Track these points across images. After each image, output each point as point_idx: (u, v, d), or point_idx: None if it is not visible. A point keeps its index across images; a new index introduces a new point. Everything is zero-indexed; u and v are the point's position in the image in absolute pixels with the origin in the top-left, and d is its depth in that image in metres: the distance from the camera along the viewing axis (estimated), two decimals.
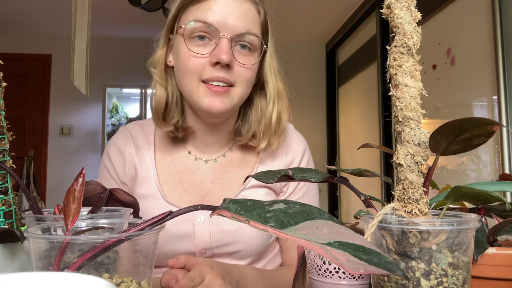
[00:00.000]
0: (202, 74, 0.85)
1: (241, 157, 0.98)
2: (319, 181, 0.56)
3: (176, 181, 0.95)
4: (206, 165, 0.96)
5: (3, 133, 0.62)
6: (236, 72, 0.86)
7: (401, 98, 0.44)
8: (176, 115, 0.93)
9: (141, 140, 0.98)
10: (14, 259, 0.57)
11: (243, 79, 0.88)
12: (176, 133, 0.94)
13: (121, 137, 0.99)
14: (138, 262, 0.46)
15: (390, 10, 0.46)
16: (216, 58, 0.83)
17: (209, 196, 0.94)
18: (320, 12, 4.00)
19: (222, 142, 0.97)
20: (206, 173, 0.96)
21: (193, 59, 0.85)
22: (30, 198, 0.57)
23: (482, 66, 2.11)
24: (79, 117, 4.68)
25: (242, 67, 0.87)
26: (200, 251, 0.90)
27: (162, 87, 0.92)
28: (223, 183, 0.95)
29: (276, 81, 0.95)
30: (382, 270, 0.33)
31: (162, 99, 0.92)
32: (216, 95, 0.85)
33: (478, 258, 0.49)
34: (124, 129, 1.01)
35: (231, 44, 0.85)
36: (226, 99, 0.86)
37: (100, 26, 4.22)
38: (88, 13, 1.00)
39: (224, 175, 0.96)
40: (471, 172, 2.24)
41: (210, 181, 0.95)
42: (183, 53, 0.87)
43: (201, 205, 0.45)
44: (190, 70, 0.86)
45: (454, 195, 0.47)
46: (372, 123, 3.53)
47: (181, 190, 0.94)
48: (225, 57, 0.83)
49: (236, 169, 0.97)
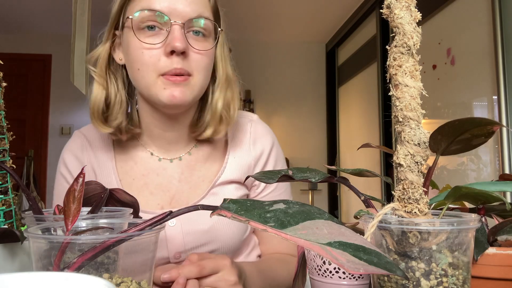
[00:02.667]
0: (159, 66, 0.80)
1: (208, 153, 0.94)
2: (319, 181, 0.56)
3: (141, 184, 0.90)
4: (171, 165, 0.91)
5: (3, 133, 0.62)
6: (192, 60, 0.81)
7: (401, 98, 0.44)
8: (120, 116, 0.86)
9: (99, 145, 0.92)
10: (14, 259, 0.57)
11: (200, 66, 0.82)
12: (119, 135, 0.88)
13: (77, 141, 0.93)
14: (138, 262, 0.46)
15: (390, 10, 0.46)
16: (170, 46, 0.78)
17: (178, 196, 0.90)
18: (320, 12, 4.00)
19: (185, 139, 0.92)
20: (172, 172, 0.91)
21: (146, 51, 0.80)
22: (30, 198, 0.57)
23: (482, 66, 2.11)
24: (79, 117, 4.67)
25: (198, 53, 0.82)
26: (174, 255, 0.86)
27: (100, 85, 0.86)
28: (191, 181, 0.91)
29: (226, 67, 0.90)
30: (382, 270, 0.33)
31: (100, 98, 0.85)
32: (176, 85, 0.80)
33: (478, 258, 0.49)
34: (79, 133, 0.95)
35: (183, 30, 0.80)
36: (187, 89, 0.81)
37: (100, 26, 4.21)
38: (88, 13, 1.00)
39: (191, 173, 0.92)
40: (471, 172, 2.24)
41: (177, 181, 0.91)
42: (134, 46, 0.81)
43: (201, 205, 0.45)
44: (144, 63, 0.80)
45: (454, 195, 0.47)
46: (372, 123, 3.53)
47: (147, 194, 0.89)
48: (179, 44, 0.78)
49: (204, 166, 0.93)
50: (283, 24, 4.31)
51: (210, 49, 0.84)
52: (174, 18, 0.80)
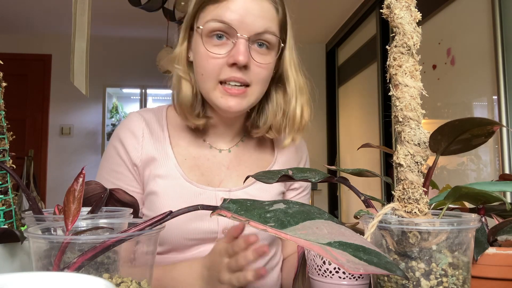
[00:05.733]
0: (220, 74, 0.86)
1: (254, 148, 1.01)
2: (319, 181, 0.56)
3: (192, 165, 0.95)
4: (220, 154, 0.98)
5: (3, 133, 0.62)
6: (252, 71, 0.87)
7: (401, 98, 0.44)
8: (198, 106, 0.93)
9: (155, 125, 0.97)
10: (14, 259, 0.57)
11: (259, 78, 0.88)
12: (197, 123, 0.94)
13: (134, 119, 0.97)
14: (138, 262, 0.46)
15: (390, 10, 0.46)
16: (233, 59, 0.84)
17: (226, 181, 0.96)
18: (320, 12, 4.00)
19: (234, 133, 1.00)
20: (221, 160, 0.97)
21: (211, 60, 0.86)
22: (30, 198, 0.57)
23: (482, 66, 2.11)
24: (79, 117, 4.68)
25: (259, 66, 0.87)
26: (222, 230, 0.90)
27: (187, 81, 0.92)
28: (239, 170, 0.97)
29: (297, 76, 0.96)
30: (382, 270, 0.33)
31: (189, 93, 0.92)
32: (232, 97, 0.86)
33: (478, 258, 0.49)
34: (136, 113, 1.00)
35: (248, 43, 0.85)
36: (243, 100, 0.88)
37: (100, 26, 4.22)
38: (88, 13, 1.00)
39: (239, 163, 0.98)
40: (471, 172, 2.24)
41: (226, 168, 0.97)
42: (201, 53, 0.87)
43: (200, 205, 0.45)
44: (207, 71, 0.87)
45: (454, 195, 0.47)
46: (372, 123, 3.53)
47: (198, 174, 0.94)
48: (242, 58, 0.83)
49: (251, 158, 1.00)
50: None
51: (271, 63, 0.90)
52: (241, 31, 0.85)
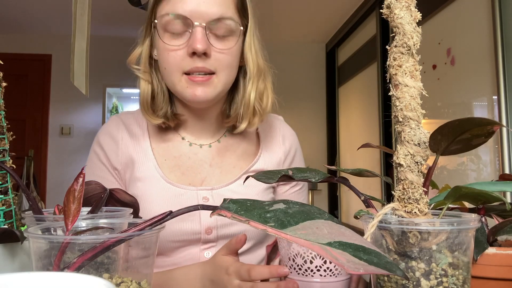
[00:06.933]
0: (183, 66, 0.85)
1: (238, 143, 0.99)
2: (319, 181, 0.56)
3: (173, 165, 0.94)
4: (201, 150, 0.97)
5: (3, 133, 0.62)
6: (215, 59, 0.86)
7: (401, 98, 0.44)
8: (165, 105, 0.93)
9: (134, 127, 0.97)
10: (14, 259, 0.57)
11: (223, 65, 0.87)
12: (167, 122, 0.94)
13: (113, 124, 0.98)
14: (138, 262, 0.46)
15: (390, 10, 0.46)
16: (191, 48, 0.83)
17: (209, 179, 0.94)
18: (320, 12, 4.00)
19: (214, 128, 0.98)
20: (203, 157, 0.96)
21: (170, 52, 0.86)
22: (30, 198, 0.57)
23: (482, 66, 2.11)
24: (79, 117, 4.67)
25: (220, 53, 0.86)
26: (205, 230, 0.90)
27: (146, 81, 0.92)
28: (222, 167, 0.96)
29: (256, 59, 0.93)
30: (382, 270, 0.33)
31: (147, 92, 0.91)
32: (198, 85, 0.86)
33: (478, 258, 0.49)
34: (116, 117, 1.00)
35: (205, 31, 0.84)
36: (208, 88, 0.86)
37: (100, 26, 4.21)
38: (88, 13, 1.00)
39: (222, 160, 0.97)
40: (471, 172, 2.24)
41: (209, 165, 0.95)
42: (160, 48, 0.87)
43: (200, 205, 0.45)
44: (170, 64, 0.86)
45: (454, 195, 0.47)
46: (372, 123, 3.53)
47: (179, 174, 0.94)
48: (200, 46, 0.82)
49: (234, 154, 0.98)
50: (283, 24, 4.31)
51: (233, 47, 0.88)
52: (196, 20, 0.84)
